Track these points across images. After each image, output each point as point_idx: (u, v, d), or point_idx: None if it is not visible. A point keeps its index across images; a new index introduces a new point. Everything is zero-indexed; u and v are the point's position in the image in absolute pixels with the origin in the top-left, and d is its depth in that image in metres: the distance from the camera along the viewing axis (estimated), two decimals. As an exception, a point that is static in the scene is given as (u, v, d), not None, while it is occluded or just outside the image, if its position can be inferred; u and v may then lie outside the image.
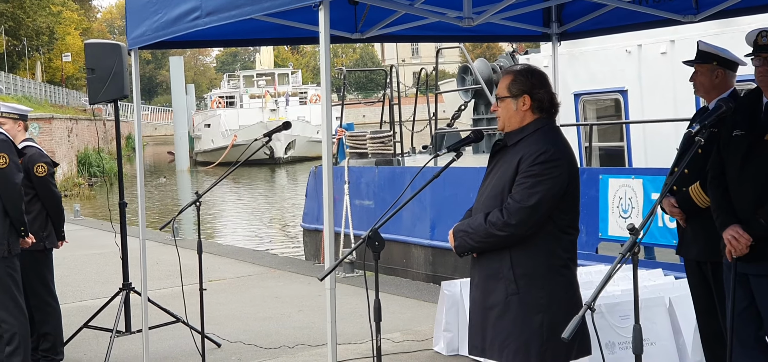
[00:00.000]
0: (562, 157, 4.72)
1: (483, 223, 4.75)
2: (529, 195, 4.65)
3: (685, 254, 6.29)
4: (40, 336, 8.15)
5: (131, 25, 7.45)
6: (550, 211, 4.69)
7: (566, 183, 4.72)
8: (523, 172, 4.69)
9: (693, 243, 6.09)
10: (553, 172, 4.67)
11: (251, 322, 10.35)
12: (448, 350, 8.35)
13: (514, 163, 4.75)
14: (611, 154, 13.67)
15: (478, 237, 4.79)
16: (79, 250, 16.55)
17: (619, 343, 7.05)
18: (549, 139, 4.76)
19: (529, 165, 4.68)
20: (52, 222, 8.14)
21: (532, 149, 4.72)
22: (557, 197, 4.69)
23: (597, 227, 10.24)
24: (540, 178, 4.65)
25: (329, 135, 5.14)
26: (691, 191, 5.95)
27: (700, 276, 6.16)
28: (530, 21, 8.04)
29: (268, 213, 32.08)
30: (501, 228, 4.69)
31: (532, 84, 4.85)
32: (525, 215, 4.64)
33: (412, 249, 13.38)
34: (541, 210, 4.65)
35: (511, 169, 4.75)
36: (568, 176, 4.73)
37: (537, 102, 4.83)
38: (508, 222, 4.66)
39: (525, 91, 4.84)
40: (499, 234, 4.70)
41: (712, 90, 6.12)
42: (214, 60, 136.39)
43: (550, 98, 4.86)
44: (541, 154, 4.68)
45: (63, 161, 42.71)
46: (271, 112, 61.70)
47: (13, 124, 8.01)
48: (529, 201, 4.64)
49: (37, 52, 72.38)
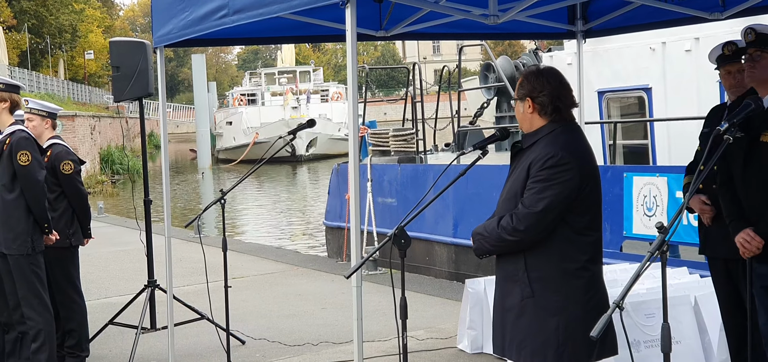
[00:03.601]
0: (570, 160, 4.67)
1: (496, 228, 4.77)
2: (538, 200, 4.63)
3: (711, 253, 6.24)
4: (66, 333, 8.19)
5: (157, 23, 7.48)
6: (561, 215, 4.66)
7: (578, 186, 4.66)
8: (533, 177, 4.68)
9: (722, 240, 6.03)
10: (562, 177, 4.63)
11: (275, 319, 10.38)
12: (472, 348, 8.35)
13: (526, 166, 4.75)
14: (635, 151, 13.61)
15: (492, 241, 4.81)
16: (104, 247, 16.64)
17: (644, 342, 7.02)
18: (559, 143, 4.71)
19: (537, 169, 4.67)
20: (78, 220, 8.17)
21: (541, 153, 4.70)
22: (568, 201, 4.65)
23: (621, 225, 10.21)
24: (548, 183, 4.63)
25: (356, 132, 5.14)
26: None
27: (726, 274, 6.12)
28: (555, 18, 8.02)
29: (290, 210, 32.12)
30: (510, 233, 4.69)
31: (533, 87, 4.81)
32: (533, 221, 4.63)
33: (435, 246, 13.38)
34: (550, 215, 4.63)
35: (524, 173, 4.75)
36: (579, 179, 4.67)
37: (539, 105, 4.80)
38: (517, 227, 4.66)
39: (526, 95, 4.84)
40: (509, 239, 4.71)
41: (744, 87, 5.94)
42: (236, 58, 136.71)
43: (553, 100, 4.79)
44: (549, 159, 4.65)
45: (86, 158, 42.91)
46: (292, 109, 61.75)
47: (40, 121, 8.07)
48: (536, 207, 4.63)
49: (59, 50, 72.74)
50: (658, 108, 12.91)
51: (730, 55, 6.02)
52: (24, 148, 7.23)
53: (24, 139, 7.27)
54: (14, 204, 7.26)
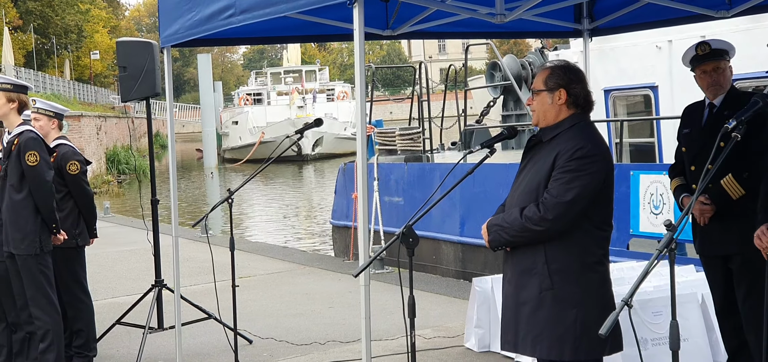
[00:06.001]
0: (598, 153, 4.73)
1: (519, 218, 4.76)
2: (567, 190, 4.64)
3: (709, 252, 6.21)
4: (73, 333, 8.20)
5: (164, 23, 7.49)
6: (585, 208, 4.69)
7: (603, 180, 4.72)
8: (560, 167, 4.69)
9: (722, 237, 6.01)
10: (591, 168, 4.67)
11: (282, 319, 10.39)
12: (479, 346, 8.35)
13: (550, 158, 4.75)
14: (642, 150, 13.60)
15: (513, 232, 4.79)
16: (111, 247, 16.66)
17: (651, 339, 7.01)
18: (586, 135, 4.76)
19: (566, 160, 4.68)
20: (84, 220, 8.19)
21: (569, 145, 4.71)
22: (593, 193, 4.69)
23: (628, 223, 10.21)
24: (577, 173, 4.65)
25: (364, 131, 5.14)
26: (724, 184, 5.89)
27: (723, 272, 6.11)
28: (562, 17, 8.02)
29: (296, 210, 32.15)
30: (537, 222, 4.69)
31: (570, 79, 4.85)
32: (562, 210, 4.64)
33: (442, 245, 13.38)
34: (577, 206, 4.65)
35: (548, 165, 4.75)
36: (605, 172, 4.73)
37: (573, 97, 4.84)
38: (544, 216, 4.67)
39: (561, 86, 4.85)
40: (535, 229, 4.71)
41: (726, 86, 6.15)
42: (242, 57, 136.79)
43: (586, 94, 4.87)
44: (579, 150, 4.68)
45: (92, 158, 42.99)
46: (298, 109, 61.76)
47: (47, 121, 8.09)
48: (566, 197, 4.64)
49: (65, 50, 72.84)
50: (665, 106, 12.90)
51: (703, 55, 6.11)
52: (32, 148, 7.23)
53: (32, 139, 7.28)
54: (22, 204, 7.27)
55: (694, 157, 6.22)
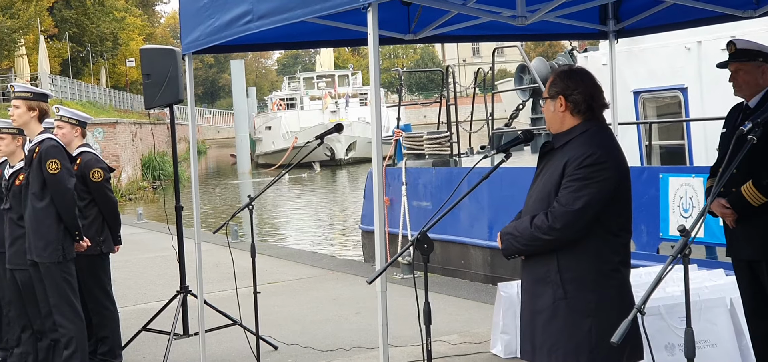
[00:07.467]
0: (608, 159, 4.64)
1: (528, 227, 4.70)
2: (575, 198, 4.57)
3: (735, 255, 6.16)
4: (98, 340, 8.23)
5: (185, 30, 7.51)
6: (597, 215, 4.60)
7: (615, 187, 4.63)
8: (569, 176, 4.61)
9: (746, 242, 5.96)
10: (600, 175, 4.59)
11: (308, 325, 10.36)
12: (505, 353, 8.26)
13: (560, 166, 4.68)
14: (672, 152, 13.47)
15: (523, 241, 4.74)
16: (142, 253, 16.74)
17: (678, 345, 6.91)
18: (596, 142, 4.67)
19: (575, 168, 4.61)
20: (108, 227, 8.21)
21: (578, 152, 4.64)
22: (605, 200, 4.60)
23: (658, 227, 10.09)
24: (586, 181, 4.57)
25: (379, 137, 5.11)
26: (743, 191, 5.82)
27: (751, 277, 6.04)
28: (587, 18, 7.95)
29: (327, 214, 32.16)
30: (546, 232, 4.62)
31: (566, 85, 4.77)
32: (570, 219, 4.57)
33: (470, 249, 13.30)
34: (587, 214, 4.57)
35: (558, 173, 4.68)
36: (616, 179, 4.64)
37: (572, 103, 4.74)
38: (553, 226, 4.60)
39: (559, 93, 4.78)
40: (544, 238, 4.64)
41: (757, 88, 6.06)
42: (276, 62, 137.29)
43: (587, 99, 4.74)
44: (587, 157, 4.60)
45: (127, 165, 43.30)
46: (331, 113, 61.88)
47: (70, 128, 8.12)
48: (574, 205, 4.56)
49: (101, 58, 73.35)
50: (694, 107, 12.76)
51: (730, 55, 6.05)
52: (53, 156, 7.26)
53: (53, 147, 7.30)
54: (45, 212, 7.30)
55: (723, 159, 6.15)
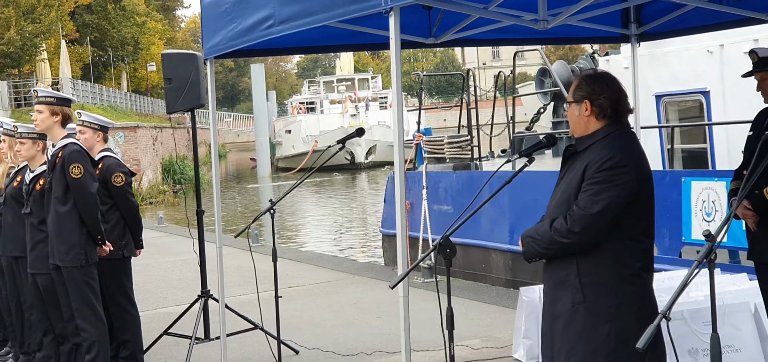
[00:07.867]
0: (629, 163, 4.62)
1: (548, 230, 4.70)
2: (594, 202, 4.55)
3: (757, 258, 6.11)
4: (120, 344, 8.24)
5: (207, 34, 7.53)
6: (617, 219, 4.58)
7: (635, 191, 4.60)
8: (589, 179, 4.60)
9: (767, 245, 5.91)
10: (619, 179, 4.56)
11: (330, 329, 10.36)
12: (527, 357, 8.22)
13: (581, 169, 4.67)
14: (694, 156, 13.40)
15: (543, 244, 4.74)
16: (163, 257, 16.79)
17: (702, 350, 6.87)
18: (617, 146, 4.65)
19: (594, 171, 4.59)
20: (129, 231, 8.23)
21: (598, 156, 4.63)
22: (624, 204, 4.58)
23: (680, 231, 10.03)
24: (605, 185, 4.56)
25: (401, 140, 5.10)
26: (766, 193, 5.78)
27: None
28: (608, 22, 7.91)
29: (349, 218, 32.16)
30: (565, 235, 4.61)
31: (592, 90, 4.75)
32: (589, 222, 4.55)
33: (492, 254, 13.27)
34: (606, 217, 4.55)
35: (578, 176, 4.67)
36: (637, 183, 4.61)
37: (597, 108, 4.73)
38: (571, 229, 4.58)
39: (585, 97, 4.76)
40: (563, 241, 4.63)
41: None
42: (295, 66, 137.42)
43: (612, 104, 4.73)
44: (607, 161, 4.58)
45: (148, 169, 43.44)
46: (351, 117, 61.84)
47: (92, 133, 8.15)
48: (593, 209, 4.55)
49: (122, 63, 73.62)
50: (717, 111, 12.70)
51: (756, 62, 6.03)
52: (76, 160, 7.29)
53: (76, 152, 7.33)
54: (67, 216, 7.33)
55: (747, 162, 6.13)
